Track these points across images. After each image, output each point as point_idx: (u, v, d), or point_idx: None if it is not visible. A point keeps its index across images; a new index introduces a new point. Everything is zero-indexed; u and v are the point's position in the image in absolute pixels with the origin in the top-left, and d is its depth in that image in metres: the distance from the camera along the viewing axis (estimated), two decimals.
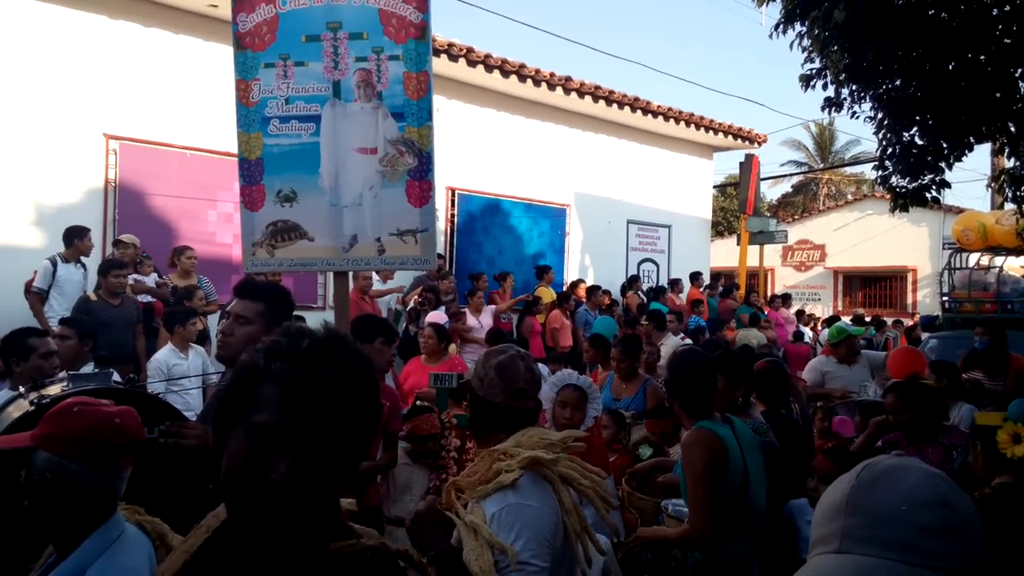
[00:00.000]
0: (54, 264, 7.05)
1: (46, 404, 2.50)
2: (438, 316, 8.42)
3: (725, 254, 20.96)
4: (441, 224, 11.05)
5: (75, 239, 7.17)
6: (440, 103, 10.70)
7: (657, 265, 14.70)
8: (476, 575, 1.98)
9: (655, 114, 13.09)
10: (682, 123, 13.59)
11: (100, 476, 1.76)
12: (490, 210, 11.76)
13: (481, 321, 9.46)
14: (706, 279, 14.47)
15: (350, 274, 3.34)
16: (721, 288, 14.85)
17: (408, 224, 2.99)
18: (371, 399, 1.15)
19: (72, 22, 7.85)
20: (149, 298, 7.48)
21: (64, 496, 1.71)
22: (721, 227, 28.76)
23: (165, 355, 6.14)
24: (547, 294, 11.06)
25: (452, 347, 8.88)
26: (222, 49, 8.38)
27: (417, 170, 2.98)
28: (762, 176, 17.66)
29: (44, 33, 7.66)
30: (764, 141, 15.27)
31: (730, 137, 14.74)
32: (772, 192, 35.75)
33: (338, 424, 1.08)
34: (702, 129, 14.05)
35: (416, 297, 9.15)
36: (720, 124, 14.31)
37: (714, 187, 19.24)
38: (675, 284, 13.75)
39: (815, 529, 1.11)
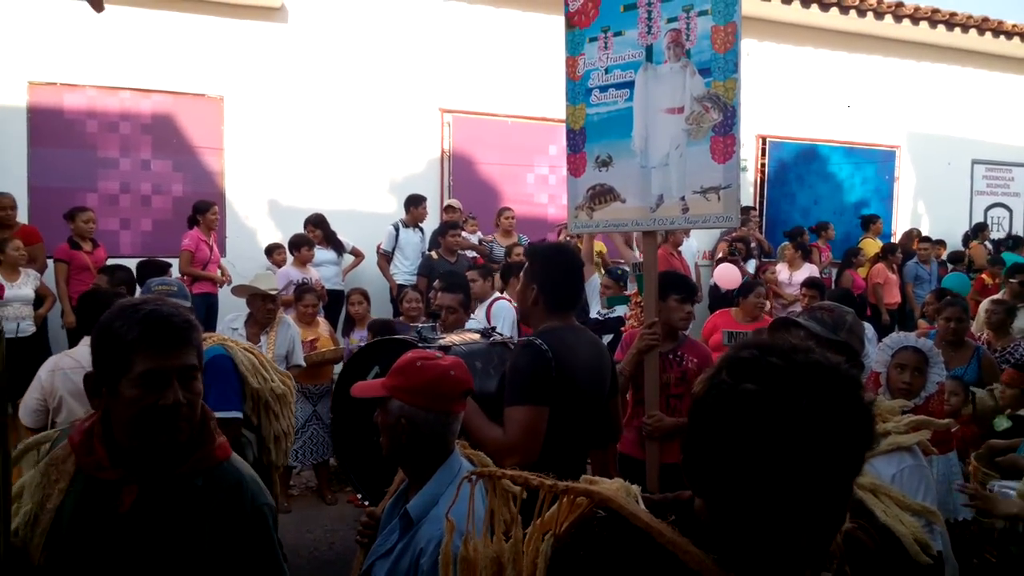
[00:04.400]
0: (397, 229, 8.21)
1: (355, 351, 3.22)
2: (729, 272, 8.19)
3: None
4: (751, 175, 10.68)
5: (411, 207, 8.25)
6: (750, 47, 10.26)
7: (1010, 211, 12.73)
8: (904, 536, 1.91)
9: (1009, 35, 11.22)
10: None
11: (443, 420, 2.06)
12: (805, 157, 11.06)
13: (793, 278, 9.01)
14: None
15: (658, 233, 3.45)
16: None
17: (711, 181, 3.00)
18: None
19: (407, 5, 8.82)
20: (474, 253, 8.34)
21: (416, 437, 2.04)
22: None
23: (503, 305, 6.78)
24: (872, 246, 10.20)
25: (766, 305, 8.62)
26: (538, 18, 8.88)
27: (721, 125, 2.96)
28: None
29: (384, 18, 8.73)
30: None
31: None
32: None
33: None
34: None
35: (724, 250, 9.01)
36: None
37: None
38: None
39: None
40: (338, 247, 8.18)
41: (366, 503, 2.97)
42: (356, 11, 8.64)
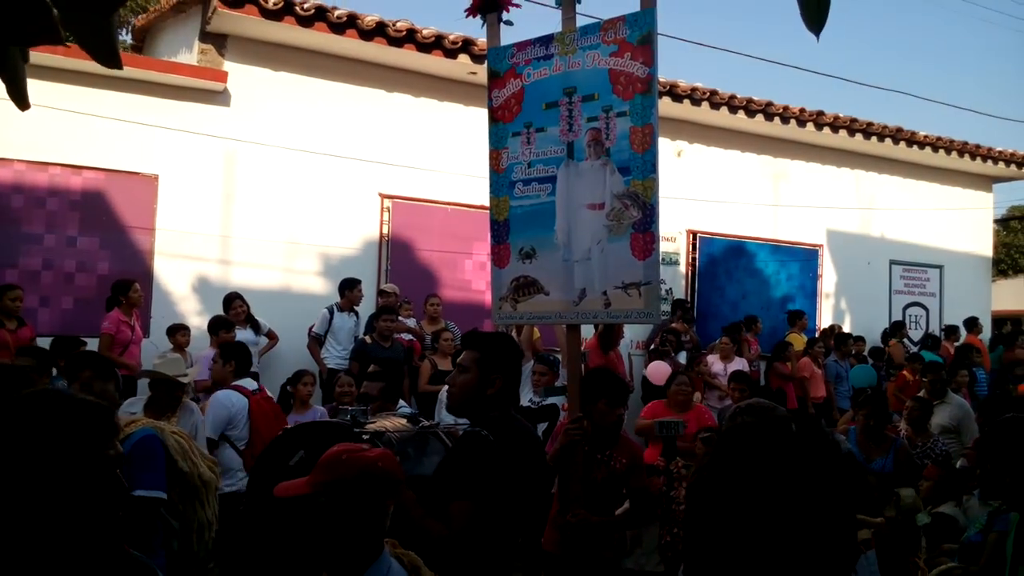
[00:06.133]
0: (331, 313, 8.08)
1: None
2: (660, 369, 8.28)
3: (1013, 296, 18.44)
4: (682, 268, 10.98)
5: (346, 290, 8.16)
6: (683, 147, 10.73)
7: (927, 310, 13.34)
8: None
9: (922, 145, 12.03)
10: (954, 153, 12.34)
11: (373, 516, 1.97)
12: (733, 252, 11.46)
13: (728, 368, 9.18)
14: (986, 325, 12.87)
15: (582, 327, 3.47)
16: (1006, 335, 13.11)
17: (632, 277, 3.05)
18: None
19: (353, 96, 9.00)
20: (411, 337, 8.27)
21: (345, 536, 1.94)
22: (1004, 265, 25.38)
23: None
24: (798, 341, 10.50)
25: (696, 395, 8.71)
26: (480, 112, 9.14)
27: (641, 223, 3.03)
28: None
29: (328, 106, 8.87)
30: None
31: (1013, 166, 13.10)
32: None
33: None
34: (979, 159, 12.64)
35: (656, 342, 9.15)
36: (1001, 152, 12.79)
37: (995, 221, 17.12)
38: (951, 331, 12.38)
39: None
40: (256, 327, 8.02)
41: None
42: (299, 96, 8.75)
